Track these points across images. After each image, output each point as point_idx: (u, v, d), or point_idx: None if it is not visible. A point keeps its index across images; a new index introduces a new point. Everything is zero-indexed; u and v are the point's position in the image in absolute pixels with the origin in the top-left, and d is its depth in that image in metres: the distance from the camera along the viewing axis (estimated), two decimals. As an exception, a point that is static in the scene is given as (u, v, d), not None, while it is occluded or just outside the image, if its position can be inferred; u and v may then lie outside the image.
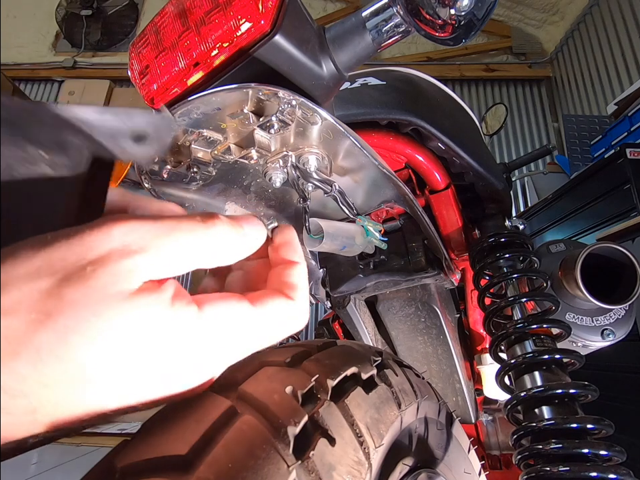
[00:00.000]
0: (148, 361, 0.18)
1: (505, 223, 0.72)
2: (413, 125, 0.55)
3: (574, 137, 2.70)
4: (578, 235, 1.79)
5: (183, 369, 0.20)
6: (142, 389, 0.19)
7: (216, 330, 0.21)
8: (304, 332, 2.84)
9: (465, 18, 0.32)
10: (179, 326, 0.19)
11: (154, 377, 0.19)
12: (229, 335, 0.21)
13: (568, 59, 3.58)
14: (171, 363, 0.19)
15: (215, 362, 0.21)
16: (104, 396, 0.18)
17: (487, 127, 1.34)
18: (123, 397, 0.18)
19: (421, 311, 0.85)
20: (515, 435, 0.51)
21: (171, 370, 0.19)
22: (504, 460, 1.10)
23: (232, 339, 0.22)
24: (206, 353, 0.21)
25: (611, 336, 0.77)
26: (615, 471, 0.41)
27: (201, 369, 0.21)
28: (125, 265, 0.17)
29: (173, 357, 0.19)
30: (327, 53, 0.34)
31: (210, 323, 0.20)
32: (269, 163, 0.40)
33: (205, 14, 0.31)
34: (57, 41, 4.22)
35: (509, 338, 0.59)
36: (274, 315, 0.23)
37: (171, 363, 0.19)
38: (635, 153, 1.51)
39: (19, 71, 4.06)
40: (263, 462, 0.26)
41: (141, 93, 0.36)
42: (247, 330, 0.22)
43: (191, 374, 0.20)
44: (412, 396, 0.47)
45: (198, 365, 0.21)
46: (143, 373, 0.18)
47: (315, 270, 0.74)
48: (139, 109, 0.22)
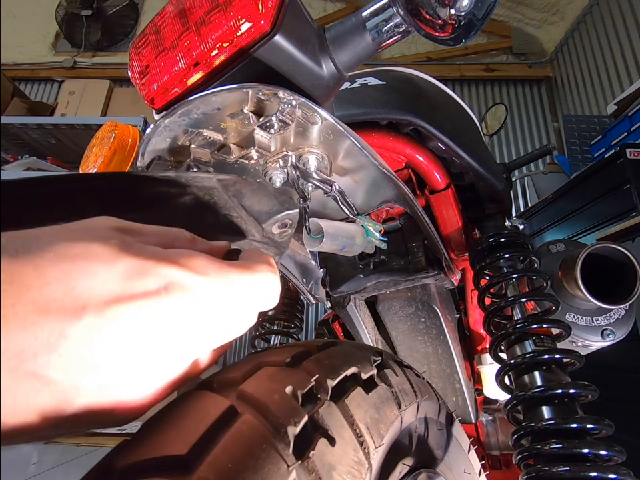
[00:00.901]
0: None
1: (505, 223, 0.72)
2: (413, 125, 0.55)
3: (574, 137, 2.70)
4: (578, 235, 1.79)
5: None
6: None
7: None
8: (304, 332, 2.83)
9: (465, 18, 0.32)
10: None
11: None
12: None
13: (568, 58, 3.58)
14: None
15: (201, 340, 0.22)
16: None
17: (487, 127, 1.34)
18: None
19: (420, 311, 0.85)
20: (515, 434, 0.51)
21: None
22: (504, 460, 1.10)
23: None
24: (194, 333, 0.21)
25: (610, 336, 0.77)
26: (615, 471, 0.41)
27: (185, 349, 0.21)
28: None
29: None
30: (327, 52, 0.34)
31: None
32: (268, 162, 0.40)
33: (205, 14, 0.31)
34: (57, 41, 4.21)
35: (509, 338, 0.59)
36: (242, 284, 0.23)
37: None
38: (635, 153, 1.51)
39: (19, 71, 4.06)
40: (263, 462, 0.26)
41: (141, 92, 0.36)
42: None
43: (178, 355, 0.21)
44: (412, 396, 0.47)
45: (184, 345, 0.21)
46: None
47: (315, 270, 0.74)
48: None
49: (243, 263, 0.24)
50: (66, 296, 0.17)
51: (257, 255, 0.26)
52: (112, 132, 0.57)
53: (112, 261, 0.18)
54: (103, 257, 0.18)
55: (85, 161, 0.59)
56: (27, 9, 4.21)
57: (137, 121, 2.60)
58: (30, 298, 0.16)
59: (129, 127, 0.59)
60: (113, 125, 0.59)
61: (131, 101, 3.19)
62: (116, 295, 0.18)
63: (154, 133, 0.35)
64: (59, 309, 0.16)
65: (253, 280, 0.23)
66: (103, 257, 0.18)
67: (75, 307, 0.17)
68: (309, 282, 0.70)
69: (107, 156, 0.55)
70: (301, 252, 0.66)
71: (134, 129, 0.59)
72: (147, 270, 0.19)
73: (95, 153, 0.58)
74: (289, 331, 1.22)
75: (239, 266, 0.23)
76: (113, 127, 0.58)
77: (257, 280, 0.23)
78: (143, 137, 0.35)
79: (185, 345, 0.21)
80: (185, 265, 0.20)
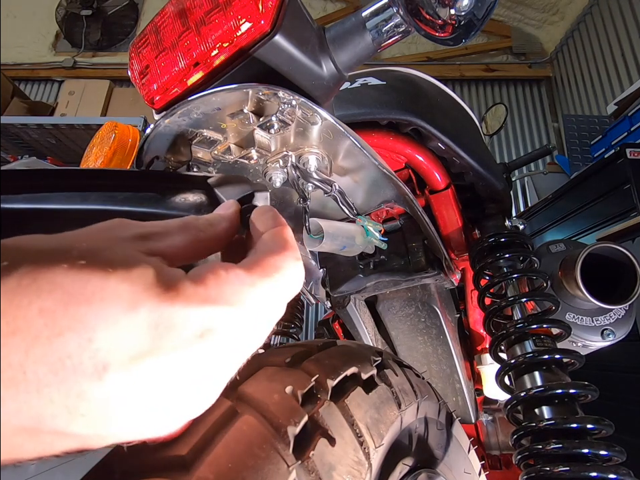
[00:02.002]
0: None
1: (505, 223, 0.72)
2: (413, 125, 0.55)
3: (574, 137, 2.70)
4: (578, 235, 1.79)
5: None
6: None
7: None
8: (304, 332, 2.84)
9: (465, 18, 0.32)
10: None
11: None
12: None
13: (568, 59, 3.58)
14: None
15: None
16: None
17: (487, 127, 1.34)
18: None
19: (421, 311, 0.85)
20: (515, 434, 0.51)
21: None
22: (504, 460, 1.10)
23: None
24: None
25: (611, 336, 0.77)
26: (615, 471, 0.41)
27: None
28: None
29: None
30: (327, 52, 0.34)
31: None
32: (269, 162, 0.40)
33: (205, 14, 0.31)
34: (57, 41, 4.21)
35: (509, 338, 0.59)
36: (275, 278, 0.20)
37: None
38: (635, 152, 1.51)
39: (19, 71, 4.06)
40: (263, 462, 0.26)
41: (141, 92, 0.36)
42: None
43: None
44: (412, 396, 0.47)
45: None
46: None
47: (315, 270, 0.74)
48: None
49: (266, 257, 0.20)
50: (82, 351, 0.14)
51: (268, 222, 0.23)
52: (112, 132, 0.57)
53: (134, 305, 0.15)
54: (124, 300, 0.15)
55: (85, 160, 0.59)
56: (27, 9, 4.21)
57: (137, 121, 2.60)
58: (39, 354, 0.13)
59: (128, 127, 0.59)
60: (113, 125, 0.59)
61: (131, 101, 3.19)
62: (143, 349, 0.15)
63: (154, 132, 0.35)
64: (75, 368, 0.14)
65: (283, 281, 0.20)
66: (124, 297, 0.15)
67: (95, 365, 0.14)
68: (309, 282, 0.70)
69: (107, 156, 0.55)
70: (301, 252, 0.66)
71: (134, 129, 0.59)
72: (178, 318, 0.16)
73: (95, 152, 0.58)
74: (288, 331, 1.22)
75: (266, 267, 0.20)
76: (112, 127, 0.58)
77: (287, 279, 0.20)
78: (143, 137, 0.35)
79: (219, 378, 0.19)
80: (218, 299, 0.17)
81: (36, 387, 0.13)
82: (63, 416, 0.14)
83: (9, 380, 0.13)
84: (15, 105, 3.03)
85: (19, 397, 0.13)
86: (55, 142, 2.99)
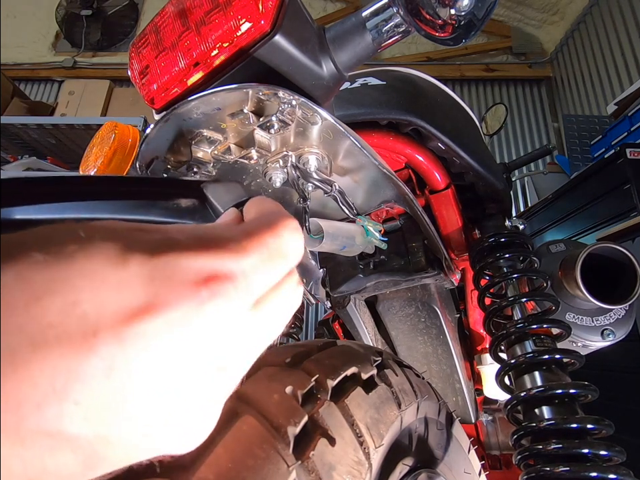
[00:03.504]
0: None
1: (505, 223, 0.72)
2: (413, 125, 0.55)
3: (574, 137, 2.70)
4: (578, 235, 1.79)
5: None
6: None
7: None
8: (304, 332, 2.84)
9: (465, 18, 0.32)
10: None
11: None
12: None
13: (568, 59, 3.58)
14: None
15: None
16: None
17: (487, 127, 1.34)
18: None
19: (421, 311, 0.85)
20: (515, 435, 0.51)
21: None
22: (504, 460, 1.10)
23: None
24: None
25: (611, 336, 0.77)
26: (615, 471, 0.41)
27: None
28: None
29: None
30: (327, 52, 0.34)
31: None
32: (269, 162, 0.40)
33: (205, 14, 0.31)
34: (57, 41, 4.21)
35: (509, 338, 0.59)
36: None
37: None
38: (635, 152, 1.51)
39: (19, 71, 4.06)
40: (263, 462, 0.26)
41: (141, 92, 0.36)
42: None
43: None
44: (412, 396, 0.47)
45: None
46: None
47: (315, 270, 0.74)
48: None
49: (262, 218, 0.19)
50: (67, 317, 0.12)
51: (264, 204, 0.22)
52: (112, 132, 0.57)
53: (123, 258, 0.13)
54: (109, 255, 0.13)
55: (85, 160, 0.59)
56: (27, 9, 4.21)
57: (137, 121, 2.60)
58: (15, 325, 0.11)
59: (128, 127, 0.59)
60: (113, 125, 0.59)
61: (131, 101, 3.19)
62: (137, 306, 0.13)
63: (154, 132, 0.35)
64: (60, 338, 0.11)
65: (286, 236, 0.18)
66: (110, 253, 0.13)
67: (84, 332, 0.12)
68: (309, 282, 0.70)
69: (107, 156, 0.55)
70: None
71: (134, 129, 0.59)
72: (174, 264, 0.14)
73: (95, 153, 0.58)
74: (288, 330, 1.22)
75: (264, 224, 0.18)
76: (112, 127, 0.58)
77: (289, 233, 0.18)
78: (143, 137, 0.35)
79: (243, 352, 0.16)
80: (217, 246, 0.15)
81: (12, 368, 0.11)
82: (50, 404, 0.11)
83: None
84: (14, 105, 3.03)
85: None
86: (55, 142, 2.99)
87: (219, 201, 0.28)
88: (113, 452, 0.13)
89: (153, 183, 0.29)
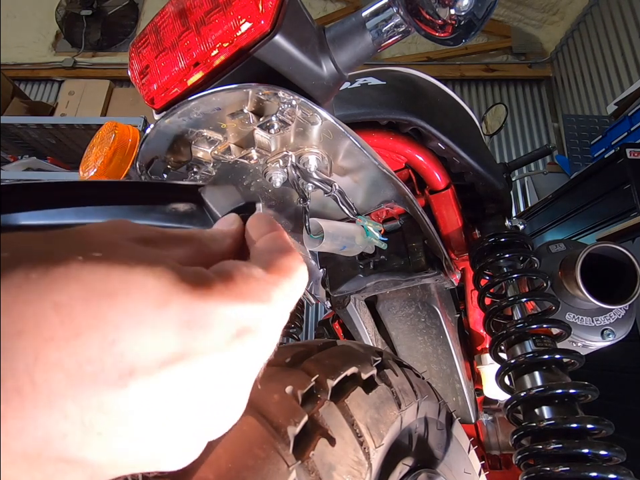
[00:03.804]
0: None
1: (505, 223, 0.72)
2: (413, 125, 0.55)
3: (574, 137, 2.70)
4: (578, 235, 1.79)
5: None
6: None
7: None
8: (304, 332, 2.84)
9: (465, 18, 0.32)
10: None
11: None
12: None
13: (568, 59, 3.58)
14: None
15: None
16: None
17: (487, 127, 1.34)
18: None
19: (420, 311, 0.85)
20: (515, 434, 0.51)
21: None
22: (504, 460, 1.10)
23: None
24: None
25: (610, 336, 0.77)
26: (615, 471, 0.41)
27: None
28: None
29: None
30: (327, 53, 0.34)
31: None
32: (269, 162, 0.40)
33: (205, 14, 0.31)
34: (57, 41, 4.21)
35: (509, 338, 0.59)
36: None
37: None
38: (635, 152, 1.51)
39: (19, 71, 4.06)
40: (263, 462, 0.26)
41: (141, 92, 0.36)
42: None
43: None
44: (412, 396, 0.47)
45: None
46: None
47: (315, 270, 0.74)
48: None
49: (277, 260, 0.19)
50: (105, 354, 0.12)
51: (274, 232, 0.22)
52: (112, 132, 0.57)
53: (164, 301, 0.13)
54: (151, 295, 0.13)
55: (85, 161, 0.59)
56: (27, 9, 4.21)
57: (137, 121, 2.60)
58: (53, 359, 0.11)
59: (128, 127, 0.59)
60: (113, 125, 0.59)
61: (131, 101, 3.19)
62: (174, 352, 0.13)
63: (154, 132, 0.35)
64: (96, 375, 0.12)
65: (298, 282, 0.19)
66: (152, 293, 0.13)
67: (120, 371, 0.12)
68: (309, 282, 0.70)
69: (107, 156, 0.55)
70: (301, 252, 0.66)
71: (134, 129, 0.59)
72: (213, 316, 0.14)
73: (95, 153, 0.58)
74: (289, 331, 1.22)
75: (280, 269, 0.19)
76: (112, 127, 0.58)
77: (299, 281, 0.19)
78: (143, 137, 0.35)
79: (249, 384, 0.17)
80: (248, 295, 0.16)
81: (47, 400, 0.11)
82: (75, 434, 0.12)
83: (12, 391, 0.11)
84: (14, 105, 3.03)
85: (24, 413, 0.11)
86: (55, 142, 2.99)
87: (217, 205, 0.28)
88: (117, 471, 0.14)
89: (150, 187, 0.29)
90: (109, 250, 0.13)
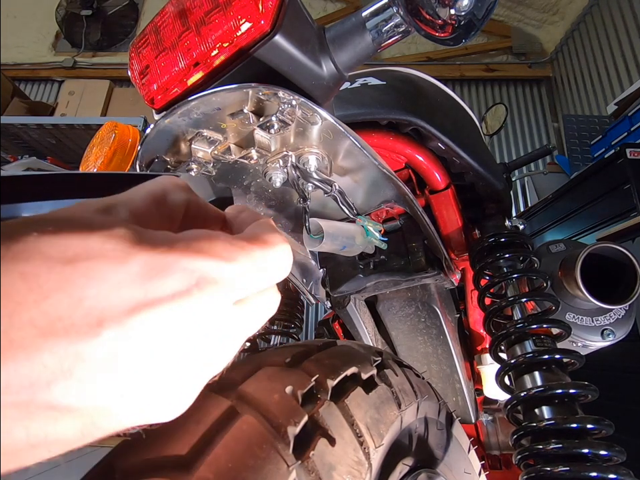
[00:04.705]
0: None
1: (505, 223, 0.72)
2: (412, 125, 0.55)
3: (574, 137, 2.70)
4: (578, 235, 1.79)
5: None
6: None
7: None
8: (304, 332, 2.84)
9: (465, 18, 0.32)
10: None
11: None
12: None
13: (568, 58, 3.58)
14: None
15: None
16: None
17: (487, 127, 1.34)
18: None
19: (421, 311, 0.85)
20: (515, 434, 0.51)
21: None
22: (504, 460, 1.10)
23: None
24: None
25: (610, 336, 0.77)
26: (615, 471, 0.41)
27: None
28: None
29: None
30: (327, 53, 0.34)
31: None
32: (269, 162, 0.40)
33: (205, 14, 0.31)
34: (57, 41, 4.21)
35: (509, 338, 0.59)
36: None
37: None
38: (635, 152, 1.51)
39: (19, 71, 4.06)
40: (263, 462, 0.26)
41: (141, 92, 0.36)
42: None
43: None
44: (412, 396, 0.47)
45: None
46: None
47: (315, 270, 0.74)
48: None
49: (256, 234, 0.20)
50: (73, 311, 0.14)
51: (255, 217, 0.23)
52: (112, 132, 0.57)
53: (124, 259, 0.15)
54: (110, 256, 0.15)
55: (85, 160, 0.59)
56: (27, 9, 4.21)
57: (137, 121, 2.60)
58: (26, 319, 0.13)
59: (128, 127, 0.59)
60: (113, 125, 0.59)
61: (131, 101, 3.19)
62: (138, 300, 0.15)
63: (154, 132, 0.35)
64: (67, 328, 0.13)
65: (274, 254, 0.20)
66: (111, 255, 0.15)
67: (89, 323, 0.14)
68: (309, 282, 0.70)
69: (107, 156, 0.55)
70: (301, 252, 0.66)
71: (134, 129, 0.59)
72: (171, 266, 0.16)
73: (95, 153, 0.58)
74: (289, 331, 1.22)
75: (256, 240, 0.20)
76: (112, 126, 0.58)
77: (277, 253, 0.20)
78: (143, 137, 0.35)
79: (224, 340, 0.18)
80: (210, 252, 0.17)
81: (25, 354, 0.13)
82: (58, 382, 0.13)
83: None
84: (14, 105, 3.04)
85: (7, 367, 0.12)
86: (55, 142, 2.99)
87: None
88: (107, 421, 0.15)
89: (129, 178, 0.29)
90: (63, 223, 0.15)
